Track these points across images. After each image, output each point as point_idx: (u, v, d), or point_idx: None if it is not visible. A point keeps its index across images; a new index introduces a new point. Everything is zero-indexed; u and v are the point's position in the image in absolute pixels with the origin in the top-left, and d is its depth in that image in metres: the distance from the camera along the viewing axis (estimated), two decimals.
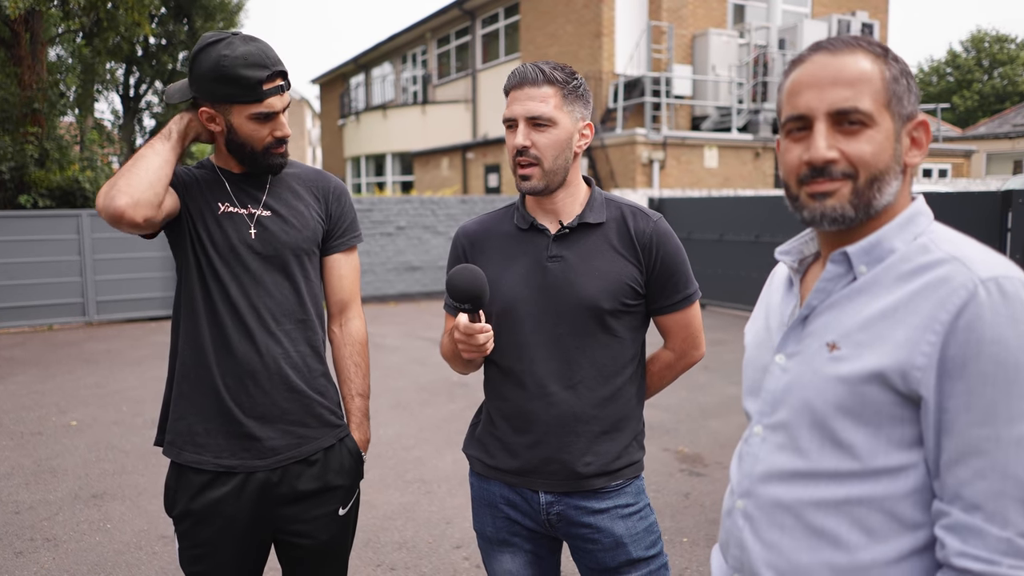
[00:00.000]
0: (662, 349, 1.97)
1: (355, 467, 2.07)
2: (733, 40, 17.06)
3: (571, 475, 1.80)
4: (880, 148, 1.11)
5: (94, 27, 13.72)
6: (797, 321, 1.21)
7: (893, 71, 1.13)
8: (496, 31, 20.77)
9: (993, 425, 0.99)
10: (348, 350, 2.11)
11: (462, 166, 18.91)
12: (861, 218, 1.14)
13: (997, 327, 0.99)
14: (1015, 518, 0.98)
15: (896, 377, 1.05)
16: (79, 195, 11.55)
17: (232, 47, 1.80)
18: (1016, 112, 26.56)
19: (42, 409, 6.48)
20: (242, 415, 1.90)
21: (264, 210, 1.95)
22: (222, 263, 1.89)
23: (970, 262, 1.04)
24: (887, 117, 1.12)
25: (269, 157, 1.90)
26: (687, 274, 1.88)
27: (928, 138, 1.16)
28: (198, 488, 1.90)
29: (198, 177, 1.94)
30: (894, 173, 1.13)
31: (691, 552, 3.79)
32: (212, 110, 1.85)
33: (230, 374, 1.89)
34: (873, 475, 1.09)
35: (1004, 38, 39.45)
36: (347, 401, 2.10)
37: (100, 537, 4.01)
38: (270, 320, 1.92)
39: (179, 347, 1.93)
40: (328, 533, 2.02)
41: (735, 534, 1.27)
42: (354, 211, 2.13)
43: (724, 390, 6.92)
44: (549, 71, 1.75)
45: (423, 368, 7.97)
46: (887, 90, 1.12)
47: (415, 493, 4.59)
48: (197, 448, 1.90)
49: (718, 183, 15.65)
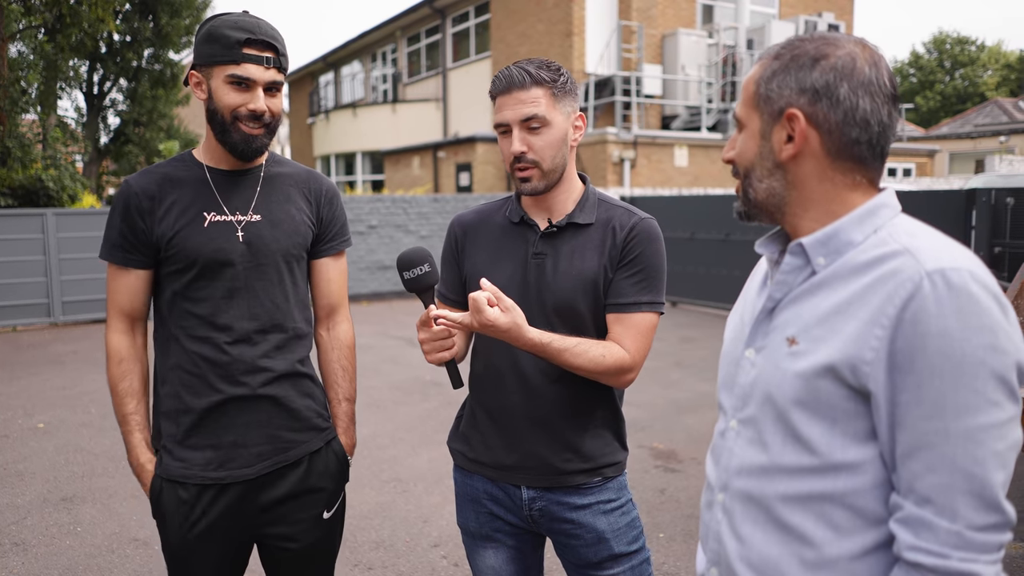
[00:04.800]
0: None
1: (340, 471, 2.05)
2: (702, 40, 17.20)
3: (551, 471, 1.81)
4: (746, 147, 1.20)
5: (57, 23, 13.47)
6: (763, 315, 1.22)
7: (769, 69, 1.16)
8: (466, 30, 20.72)
9: (941, 418, 0.99)
10: (336, 354, 2.09)
11: (433, 165, 18.84)
12: (751, 213, 1.23)
13: (942, 319, 0.98)
14: (964, 511, 0.98)
15: (846, 371, 1.06)
16: (42, 194, 11.32)
17: (232, 15, 1.80)
18: (977, 112, 27.13)
19: (8, 412, 6.35)
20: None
21: (254, 215, 1.90)
22: (211, 272, 1.85)
23: (920, 254, 1.04)
24: (755, 117, 1.18)
25: (236, 132, 1.81)
26: (656, 281, 1.79)
27: (801, 128, 1.14)
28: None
29: (182, 182, 1.88)
30: (764, 170, 1.19)
31: (668, 547, 3.82)
32: (199, 74, 1.82)
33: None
34: (833, 470, 1.09)
35: (965, 40, 40.24)
36: (334, 405, 2.08)
37: (71, 541, 3.94)
38: (259, 327, 1.90)
39: (168, 356, 1.91)
40: (312, 536, 1.99)
41: (714, 527, 1.28)
42: (345, 215, 2.10)
43: (697, 387, 6.97)
44: (535, 72, 1.72)
45: (396, 367, 7.94)
46: (756, 91, 1.17)
47: (391, 492, 4.57)
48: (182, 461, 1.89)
49: (688, 182, 15.77)
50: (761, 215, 1.23)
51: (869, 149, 1.13)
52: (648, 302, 1.77)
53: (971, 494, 0.98)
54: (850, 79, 1.10)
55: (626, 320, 1.76)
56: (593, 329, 1.79)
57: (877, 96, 1.11)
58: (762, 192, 1.19)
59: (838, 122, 1.11)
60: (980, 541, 0.99)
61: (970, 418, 0.98)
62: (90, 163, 20.24)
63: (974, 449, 0.98)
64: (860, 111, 1.11)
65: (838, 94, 1.10)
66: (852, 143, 1.12)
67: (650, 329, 1.78)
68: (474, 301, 1.59)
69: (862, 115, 1.11)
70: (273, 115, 1.85)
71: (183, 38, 19.91)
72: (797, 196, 1.17)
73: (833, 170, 1.14)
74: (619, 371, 1.73)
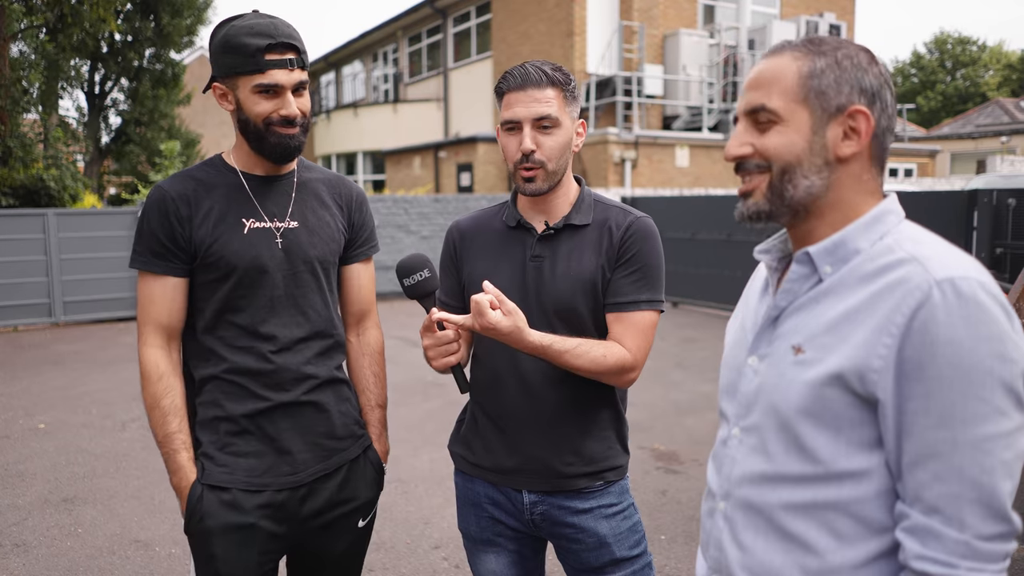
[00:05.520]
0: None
1: (377, 479, 2.02)
2: (703, 40, 17.20)
3: (553, 474, 1.80)
4: (790, 142, 1.13)
5: (58, 23, 13.49)
6: (767, 322, 1.21)
7: (818, 64, 1.14)
8: (468, 30, 20.72)
9: (950, 428, 0.99)
10: (367, 360, 2.07)
11: (434, 165, 18.84)
12: (777, 213, 1.16)
13: (951, 328, 0.98)
14: (972, 521, 0.98)
15: (854, 379, 1.06)
16: (43, 194, 11.33)
17: (244, 18, 1.75)
18: (978, 113, 27.12)
19: (9, 412, 6.35)
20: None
21: (291, 221, 1.87)
22: (250, 280, 1.82)
23: (928, 262, 1.04)
24: (802, 111, 1.13)
25: (272, 136, 1.78)
26: (654, 279, 1.80)
27: (868, 126, 1.13)
28: (219, 505, 1.82)
29: (217, 188, 1.84)
30: (812, 166, 1.13)
31: (669, 549, 3.82)
32: (223, 86, 1.79)
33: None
34: (837, 479, 1.09)
35: (966, 40, 40.23)
36: (366, 412, 2.06)
37: (71, 542, 3.94)
38: (303, 335, 1.88)
39: (203, 367, 1.86)
40: (346, 543, 1.97)
41: (715, 535, 1.27)
42: (373, 220, 2.08)
43: (698, 388, 6.97)
44: (552, 72, 1.74)
45: (397, 367, 7.93)
46: (805, 84, 1.13)
47: (392, 493, 4.57)
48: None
49: (689, 182, 15.77)
50: (784, 216, 1.17)
51: (887, 155, 1.17)
52: (647, 300, 1.77)
53: (979, 504, 0.98)
54: (890, 87, 1.15)
55: (626, 319, 1.77)
56: (593, 329, 1.79)
57: (895, 106, 1.16)
58: (803, 190, 1.14)
59: (885, 127, 1.14)
60: (987, 550, 0.99)
61: (978, 427, 0.98)
62: (91, 163, 20.25)
63: (982, 459, 0.98)
64: (894, 118, 1.16)
65: (886, 99, 1.14)
66: (885, 149, 1.16)
67: (650, 327, 1.78)
68: (476, 304, 1.58)
69: (894, 122, 1.16)
70: (304, 115, 1.82)
71: (184, 38, 19.93)
72: (832, 197, 1.15)
73: (868, 174, 1.16)
74: (621, 370, 1.73)
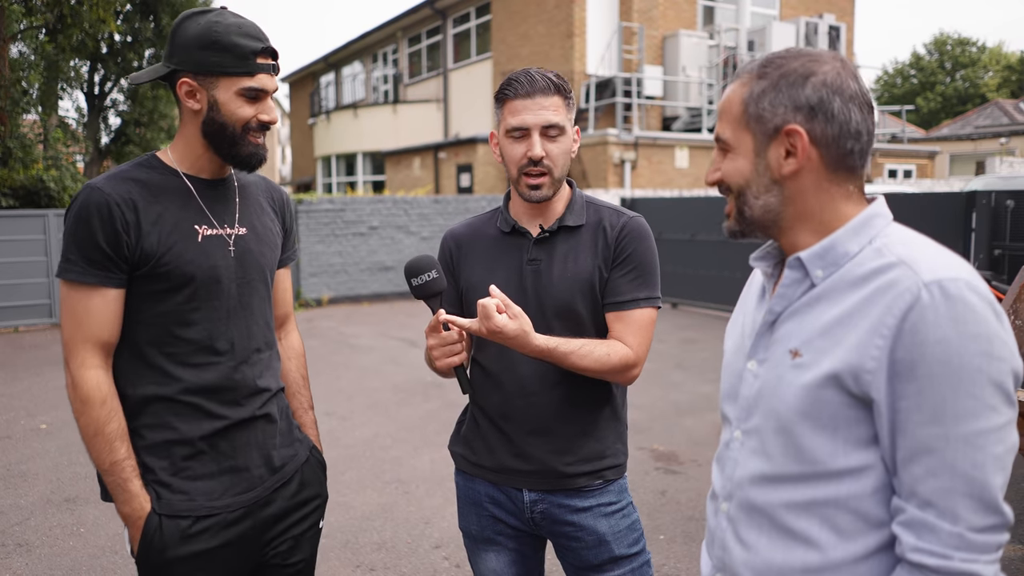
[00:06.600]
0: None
1: (324, 477, 2.01)
2: (703, 41, 17.21)
3: (553, 474, 1.82)
4: (739, 167, 1.21)
5: (58, 23, 13.48)
6: (764, 327, 1.25)
7: (757, 88, 1.18)
8: (467, 31, 20.73)
9: (942, 424, 1.02)
10: (294, 363, 2.06)
11: (434, 166, 18.86)
12: (747, 231, 1.24)
13: (940, 328, 1.01)
14: (965, 514, 1.02)
15: (849, 379, 1.09)
16: (43, 195, 11.33)
17: (223, 16, 1.67)
18: (978, 114, 27.14)
19: (10, 412, 6.36)
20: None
21: (240, 227, 1.80)
22: (205, 291, 1.71)
23: (916, 265, 1.07)
24: (745, 137, 1.19)
25: (247, 145, 1.70)
26: (650, 277, 1.84)
27: (803, 143, 1.16)
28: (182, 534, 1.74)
29: (164, 192, 1.71)
30: (760, 187, 1.20)
31: (668, 549, 3.84)
32: (194, 82, 1.66)
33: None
34: (836, 476, 1.13)
35: (966, 41, 40.24)
36: (299, 414, 2.03)
37: (74, 542, 3.95)
38: (256, 346, 1.82)
39: (141, 386, 1.72)
40: (312, 547, 1.96)
41: (719, 535, 1.31)
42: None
43: (698, 388, 6.99)
44: (557, 80, 1.77)
45: (398, 368, 7.95)
46: (745, 111, 1.19)
47: (393, 493, 4.59)
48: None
49: (689, 183, 15.78)
50: (756, 231, 1.25)
51: (860, 158, 1.18)
52: (645, 298, 1.81)
53: (971, 497, 1.02)
54: (841, 93, 1.14)
55: (626, 317, 1.80)
56: (592, 329, 1.82)
57: (863, 107, 1.16)
58: (758, 209, 1.21)
59: (835, 135, 1.15)
60: (980, 542, 1.02)
61: (969, 423, 1.01)
62: (91, 163, 20.25)
63: (974, 454, 1.01)
64: (853, 123, 1.15)
65: (832, 108, 1.14)
66: (847, 154, 1.16)
67: (650, 324, 1.82)
68: (483, 307, 1.61)
69: (855, 126, 1.15)
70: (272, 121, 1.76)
71: None
72: (794, 210, 1.20)
73: (829, 182, 1.18)
74: (624, 368, 1.76)
